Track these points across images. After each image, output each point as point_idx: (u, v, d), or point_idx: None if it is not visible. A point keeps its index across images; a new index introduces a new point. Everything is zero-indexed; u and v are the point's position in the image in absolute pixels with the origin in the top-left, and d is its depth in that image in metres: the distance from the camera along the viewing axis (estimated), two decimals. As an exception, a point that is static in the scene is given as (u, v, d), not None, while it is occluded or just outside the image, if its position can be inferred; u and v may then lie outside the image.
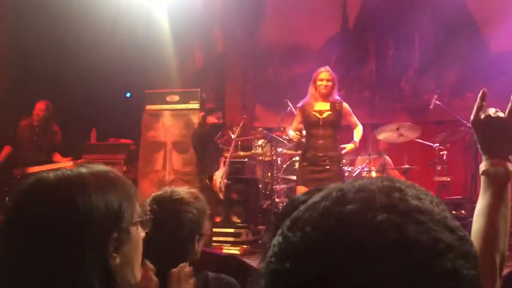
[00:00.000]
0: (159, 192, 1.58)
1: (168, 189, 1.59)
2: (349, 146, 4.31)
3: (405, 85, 7.07)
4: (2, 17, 6.37)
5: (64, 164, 5.22)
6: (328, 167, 4.20)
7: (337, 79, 4.41)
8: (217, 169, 5.36)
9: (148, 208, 1.49)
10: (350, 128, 4.46)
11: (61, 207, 0.87)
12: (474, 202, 5.08)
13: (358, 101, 7.06)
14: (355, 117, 4.38)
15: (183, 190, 1.59)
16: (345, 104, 4.35)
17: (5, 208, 0.91)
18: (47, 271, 0.85)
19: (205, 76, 7.37)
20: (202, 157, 5.55)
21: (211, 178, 5.31)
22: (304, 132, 4.51)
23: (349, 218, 0.48)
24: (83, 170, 0.94)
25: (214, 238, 4.92)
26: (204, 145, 5.52)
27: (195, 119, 5.80)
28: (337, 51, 7.15)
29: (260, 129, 6.22)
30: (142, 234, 0.98)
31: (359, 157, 5.66)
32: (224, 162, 5.50)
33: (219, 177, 5.29)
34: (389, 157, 5.67)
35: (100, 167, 0.98)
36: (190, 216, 1.51)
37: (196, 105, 6.08)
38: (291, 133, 4.44)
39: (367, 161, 5.15)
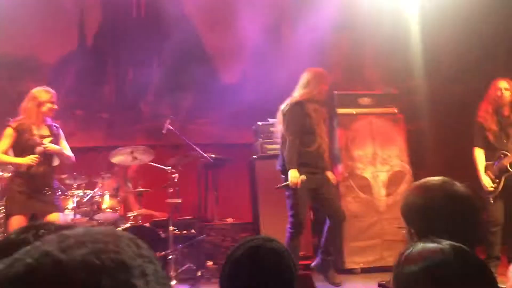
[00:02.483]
0: None
1: None
2: None
3: (144, 108, 7.18)
4: None
5: None
6: (49, 194, 4.01)
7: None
8: None
9: None
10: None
11: None
12: (203, 221, 5.43)
13: (96, 122, 6.88)
14: (67, 144, 4.31)
15: None
16: (60, 129, 4.29)
17: None
18: None
19: None
20: None
21: None
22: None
23: None
24: None
25: None
26: None
27: None
28: (74, 69, 6.84)
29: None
30: None
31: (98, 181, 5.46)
32: None
33: None
34: (136, 180, 5.63)
35: None
36: None
37: None
38: (15, 159, 4.02)
39: (100, 184, 5.02)
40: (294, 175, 4.24)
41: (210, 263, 5.33)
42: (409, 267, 1.13)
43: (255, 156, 5.66)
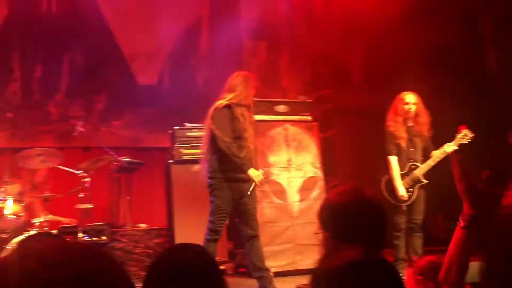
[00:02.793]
0: None
1: None
2: None
3: (53, 109, 6.83)
4: None
5: None
6: None
7: None
8: None
9: None
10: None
11: None
12: (115, 227, 5.25)
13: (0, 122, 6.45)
14: None
15: None
16: None
17: None
18: None
19: None
20: None
21: None
22: None
23: None
24: None
25: None
26: None
27: None
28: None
29: None
30: None
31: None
32: None
33: None
34: (43, 184, 5.30)
35: None
36: None
37: None
38: None
39: (3, 189, 4.69)
40: (255, 174, 4.16)
41: (121, 270, 5.15)
42: (326, 269, 1.17)
43: (171, 161, 5.58)
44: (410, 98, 4.76)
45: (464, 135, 4.64)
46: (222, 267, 5.36)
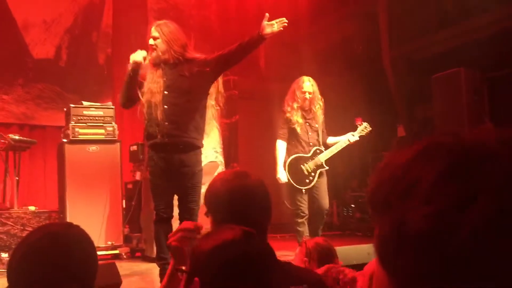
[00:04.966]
0: None
1: None
2: None
3: None
4: None
5: None
6: None
7: None
8: None
9: None
10: None
11: None
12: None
13: None
14: None
15: None
16: None
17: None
18: None
19: None
20: None
21: None
22: None
23: None
24: None
25: None
26: None
27: None
28: None
29: None
30: None
31: None
32: None
33: None
34: None
35: None
36: None
37: None
38: None
39: None
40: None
41: (5, 255, 4.82)
42: (203, 249, 1.17)
43: (65, 140, 5.28)
44: (308, 86, 4.76)
45: (364, 128, 4.77)
46: (117, 251, 5.21)
